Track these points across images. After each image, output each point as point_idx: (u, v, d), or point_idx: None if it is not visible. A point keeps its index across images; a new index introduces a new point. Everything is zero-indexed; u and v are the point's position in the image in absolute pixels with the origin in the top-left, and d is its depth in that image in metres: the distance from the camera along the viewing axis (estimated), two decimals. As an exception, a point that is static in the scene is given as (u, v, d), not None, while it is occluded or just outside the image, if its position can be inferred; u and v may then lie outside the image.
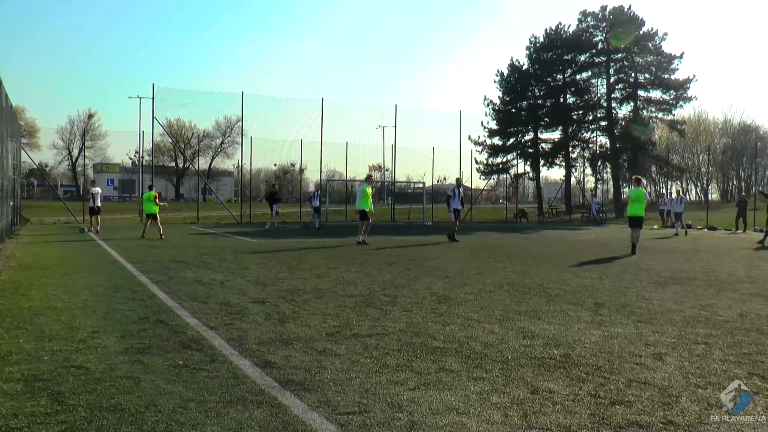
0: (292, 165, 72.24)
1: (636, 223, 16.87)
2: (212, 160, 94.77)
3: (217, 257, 13.93)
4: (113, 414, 3.89)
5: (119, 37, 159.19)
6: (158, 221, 20.55)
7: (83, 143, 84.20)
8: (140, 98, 35.81)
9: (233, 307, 7.69)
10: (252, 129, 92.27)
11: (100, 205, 23.11)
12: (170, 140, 75.41)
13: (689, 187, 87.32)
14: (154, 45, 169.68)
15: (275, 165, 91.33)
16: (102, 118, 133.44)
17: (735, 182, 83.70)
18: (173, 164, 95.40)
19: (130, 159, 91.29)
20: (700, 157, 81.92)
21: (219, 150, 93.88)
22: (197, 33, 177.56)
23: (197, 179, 52.10)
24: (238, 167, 59.89)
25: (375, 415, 3.95)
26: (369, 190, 19.03)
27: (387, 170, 43.92)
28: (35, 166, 43.59)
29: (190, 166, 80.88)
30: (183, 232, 23.99)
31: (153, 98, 31.49)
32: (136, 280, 10.12)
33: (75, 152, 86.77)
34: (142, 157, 49.79)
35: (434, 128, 52.28)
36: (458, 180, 22.51)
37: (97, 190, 23.29)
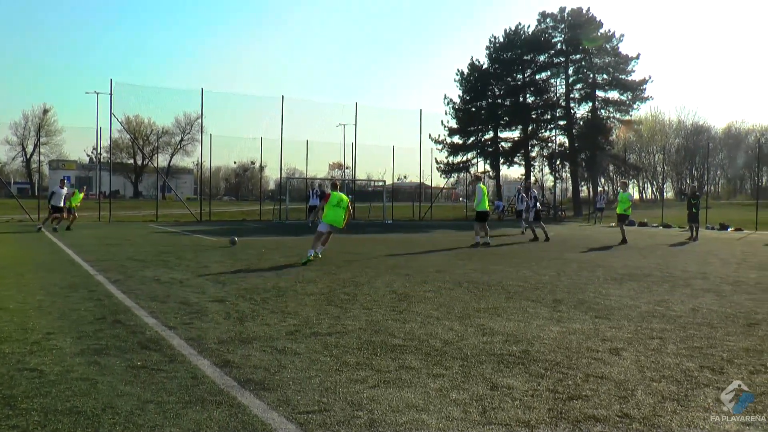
0: (252, 163, 71.75)
1: (623, 219, 21.01)
2: (171, 157, 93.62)
3: (176, 256, 13.75)
4: (68, 417, 3.82)
5: (76, 30, 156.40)
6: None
7: (38, 139, 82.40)
8: (98, 93, 35.06)
9: (192, 306, 7.61)
10: (212, 126, 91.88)
11: (62, 205, 22.82)
12: (129, 137, 74.21)
13: (645, 185, 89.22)
14: (113, 39, 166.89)
15: (235, 163, 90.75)
16: (57, 113, 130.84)
17: (688, 181, 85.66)
18: (132, 161, 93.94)
19: (88, 156, 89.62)
20: (656, 157, 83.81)
21: (178, 147, 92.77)
22: (157, 28, 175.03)
23: (156, 177, 51.39)
24: (197, 165, 59.33)
25: (335, 413, 3.95)
26: (485, 188, 18.83)
27: (347, 168, 43.79)
28: (-14, 163, 42.43)
29: (149, 163, 79.76)
30: (142, 230, 23.64)
31: (111, 94, 30.90)
32: (93, 279, 9.94)
33: (29, 148, 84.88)
34: (100, 154, 48.87)
35: (395, 126, 52.44)
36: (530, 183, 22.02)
37: (63, 190, 23.21)
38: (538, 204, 22.19)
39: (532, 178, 56.05)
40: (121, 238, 18.89)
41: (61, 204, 22.66)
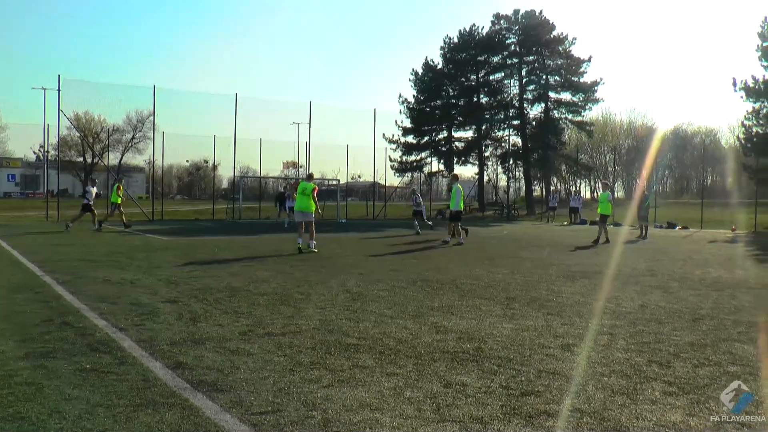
0: (205, 161, 70.91)
1: (604, 219, 20.77)
2: (123, 155, 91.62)
3: (127, 256, 13.49)
4: (11, 423, 3.70)
5: (21, 23, 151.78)
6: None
7: (-21, 136, 79.87)
8: (45, 89, 34.02)
9: (144, 307, 7.48)
10: (164, 124, 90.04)
11: (90, 202, 23.08)
12: (78, 134, 72.45)
13: (596, 185, 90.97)
14: (61, 34, 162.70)
15: (187, 161, 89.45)
16: (1, 109, 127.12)
17: (638, 181, 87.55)
18: (81, 159, 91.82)
19: (34, 153, 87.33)
20: (607, 157, 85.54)
21: (130, 145, 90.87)
22: (106, 22, 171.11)
23: (107, 175, 50.36)
24: (149, 163, 58.45)
25: (289, 414, 3.93)
26: (462, 188, 19.27)
27: (301, 167, 43.57)
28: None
29: (99, 161, 78.00)
30: (92, 229, 23.11)
31: (59, 90, 30.00)
32: (40, 280, 9.68)
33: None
34: (47, 152, 47.79)
35: (349, 125, 52.46)
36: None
37: (94, 189, 23.67)
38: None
39: (488, 177, 56.65)
40: (70, 238, 18.45)
41: (91, 202, 22.96)
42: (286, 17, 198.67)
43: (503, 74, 53.79)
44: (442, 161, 54.72)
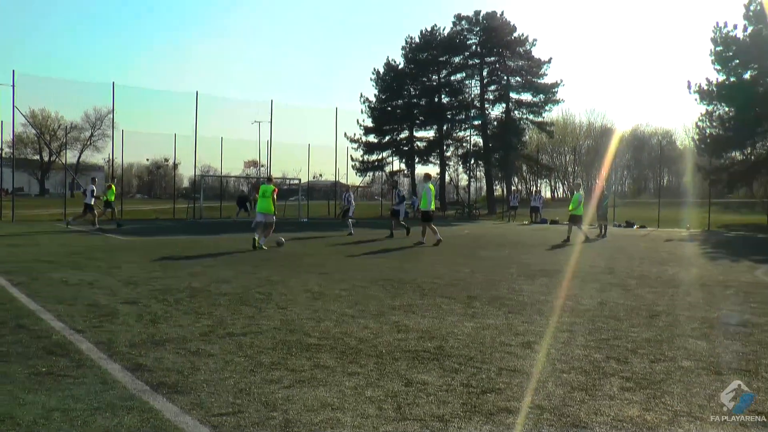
0: (166, 160, 70.00)
1: (576, 219, 21.09)
2: (81, 153, 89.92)
3: (86, 256, 13.25)
4: (-37, 428, 3.62)
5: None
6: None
7: (-72, 134, 77.60)
8: (-2, 86, 33.06)
9: (103, 308, 7.35)
10: (124, 122, 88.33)
11: (89, 202, 23.40)
12: (34, 131, 70.88)
13: (557, 185, 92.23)
14: (15, 28, 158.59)
15: (148, 159, 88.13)
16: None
17: (597, 181, 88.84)
18: (37, 157, 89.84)
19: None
20: (567, 157, 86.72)
21: (88, 143, 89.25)
22: (64, 17, 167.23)
23: (64, 173, 49.38)
24: (108, 161, 57.36)
25: (249, 415, 3.91)
26: (433, 188, 19.38)
27: (262, 166, 43.24)
28: None
29: (57, 159, 76.42)
30: (49, 229, 22.65)
31: (14, 86, 29.32)
32: (-7, 282, 9.45)
33: None
34: (2, 149, 46.53)
35: (310, 124, 52.16)
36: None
37: (91, 187, 24.02)
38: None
39: (449, 177, 56.83)
40: (26, 238, 18.05)
41: (91, 201, 23.38)
42: (247, 16, 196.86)
43: (464, 74, 54.20)
44: (403, 160, 54.94)
